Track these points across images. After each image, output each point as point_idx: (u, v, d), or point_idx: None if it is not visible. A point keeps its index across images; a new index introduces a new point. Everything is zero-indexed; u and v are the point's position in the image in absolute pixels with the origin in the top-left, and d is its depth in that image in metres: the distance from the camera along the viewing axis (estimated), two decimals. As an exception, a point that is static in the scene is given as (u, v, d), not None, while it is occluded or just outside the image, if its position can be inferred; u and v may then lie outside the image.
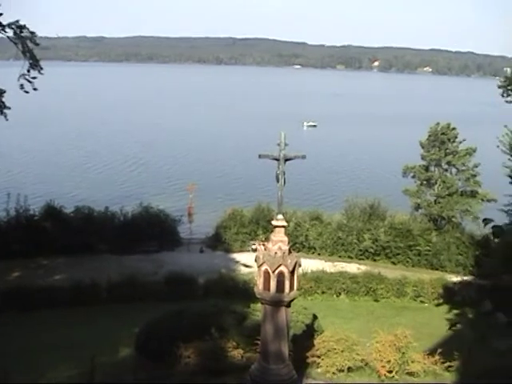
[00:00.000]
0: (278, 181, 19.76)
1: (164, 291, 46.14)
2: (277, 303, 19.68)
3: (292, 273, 19.56)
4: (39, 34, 45.54)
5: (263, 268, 19.51)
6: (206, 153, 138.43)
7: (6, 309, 41.09)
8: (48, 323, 40.13)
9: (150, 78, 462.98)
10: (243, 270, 54.35)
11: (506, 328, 37.78)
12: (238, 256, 60.63)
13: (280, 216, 19.84)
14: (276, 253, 19.43)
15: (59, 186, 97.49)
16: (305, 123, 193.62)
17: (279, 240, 19.65)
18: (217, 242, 64.62)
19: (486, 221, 13.94)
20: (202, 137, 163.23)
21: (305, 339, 31.61)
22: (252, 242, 63.04)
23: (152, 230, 62.15)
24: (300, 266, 20.21)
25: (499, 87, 43.87)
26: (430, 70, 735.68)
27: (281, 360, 20.16)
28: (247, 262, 53.98)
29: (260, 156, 19.99)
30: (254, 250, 59.47)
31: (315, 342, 31.47)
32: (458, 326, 43.91)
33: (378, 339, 31.32)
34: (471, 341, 30.65)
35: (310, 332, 33.00)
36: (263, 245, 53.18)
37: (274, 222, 19.98)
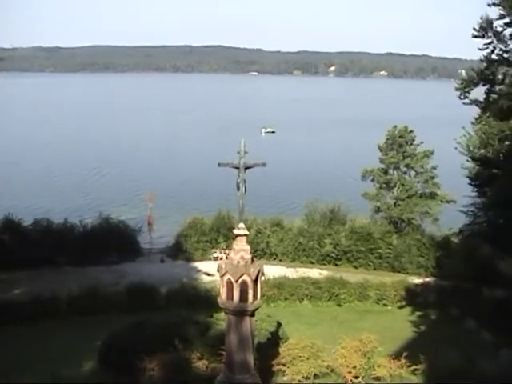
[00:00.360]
0: (238, 189, 19.48)
1: (125, 302, 45.84)
2: (241, 313, 19.40)
3: (255, 282, 19.28)
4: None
5: (226, 278, 19.22)
6: (165, 162, 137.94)
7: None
8: (8, 338, 39.52)
9: (106, 87, 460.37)
10: (205, 278, 54.08)
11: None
12: (199, 265, 60.31)
13: (241, 225, 19.56)
14: (238, 262, 19.14)
15: (17, 198, 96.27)
16: (263, 129, 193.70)
17: (241, 249, 19.36)
18: (177, 251, 64.25)
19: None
20: (160, 145, 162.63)
21: (270, 347, 31.41)
22: (213, 250, 62.82)
23: (112, 240, 61.62)
24: (263, 274, 19.95)
25: (456, 89, 43.94)
26: (386, 73, 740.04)
27: (246, 370, 19.86)
28: (209, 271, 53.75)
29: (219, 164, 19.71)
30: (216, 258, 59.39)
31: (280, 349, 31.31)
32: (422, 327, 44.07)
33: (343, 345, 31.21)
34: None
35: (274, 340, 32.82)
36: (224, 253, 53.18)
37: (235, 231, 19.69)
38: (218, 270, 19.64)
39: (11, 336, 40.01)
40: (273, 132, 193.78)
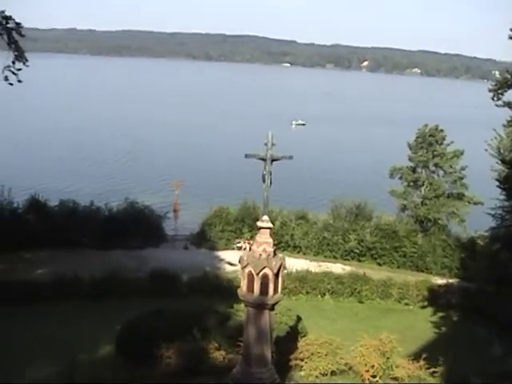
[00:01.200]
0: (264, 181, 19.29)
1: (147, 288, 45.78)
2: (260, 306, 19.25)
3: (276, 275, 19.12)
4: (29, 25, 44.99)
5: (247, 270, 19.06)
6: (193, 150, 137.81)
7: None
8: (29, 318, 39.78)
9: (139, 72, 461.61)
10: (227, 268, 53.83)
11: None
12: (222, 254, 60.03)
13: (265, 217, 19.37)
14: (260, 255, 18.97)
15: (44, 179, 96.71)
16: (293, 122, 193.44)
17: (264, 242, 19.18)
18: (202, 239, 64.06)
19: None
20: (189, 134, 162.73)
21: (288, 341, 31.26)
22: (237, 241, 62.60)
23: (137, 225, 61.46)
24: (285, 268, 19.81)
25: (490, 91, 43.41)
26: (419, 71, 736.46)
27: (263, 364, 19.73)
28: (232, 261, 53.44)
29: (246, 155, 19.51)
30: (239, 249, 59.20)
31: (299, 344, 31.11)
32: (443, 329, 43.75)
33: (363, 343, 30.93)
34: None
35: (293, 334, 32.66)
36: (248, 243, 53.06)
37: (259, 224, 19.49)
38: (239, 262, 19.48)
39: (32, 316, 40.19)
40: (303, 124, 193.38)
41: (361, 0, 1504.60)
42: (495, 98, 43.17)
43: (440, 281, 53.38)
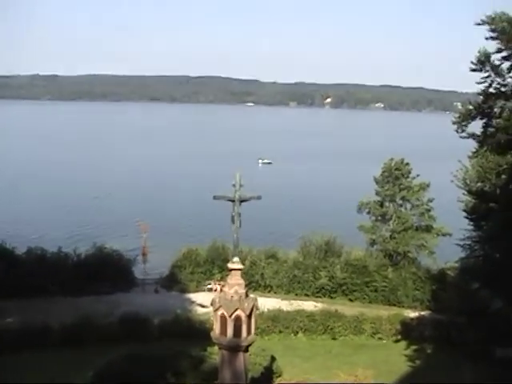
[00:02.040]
0: (233, 222, 19.22)
1: (119, 333, 45.34)
2: (234, 348, 19.09)
3: (249, 316, 19.00)
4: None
5: (220, 312, 18.92)
6: (159, 192, 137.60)
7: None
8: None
9: (103, 116, 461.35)
10: (199, 310, 53.59)
11: None
12: (193, 296, 59.80)
13: (236, 259, 19.28)
14: (232, 296, 18.85)
15: (11, 226, 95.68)
16: (260, 161, 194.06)
17: (235, 283, 19.08)
18: (172, 281, 63.76)
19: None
20: (155, 176, 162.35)
21: (263, 382, 30.98)
22: (208, 282, 62.34)
23: (106, 270, 61.12)
24: (257, 309, 19.68)
25: (454, 123, 43.68)
26: (382, 105, 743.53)
27: (239, 406, 19.49)
28: (203, 302, 53.25)
29: (215, 197, 19.47)
30: (210, 290, 59.04)
31: (273, 384, 30.88)
32: (417, 361, 43.70)
33: (339, 380, 30.79)
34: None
35: (268, 375, 32.42)
36: (219, 284, 52.86)
37: (229, 265, 19.39)
38: (211, 304, 19.34)
39: (1, 365, 39.55)
40: (270, 163, 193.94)
41: (322, 37, 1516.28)
42: (459, 130, 43.43)
43: (412, 314, 53.43)
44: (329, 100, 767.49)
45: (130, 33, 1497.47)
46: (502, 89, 40.05)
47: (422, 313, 53.98)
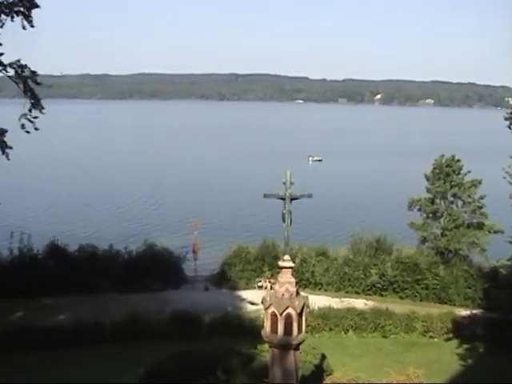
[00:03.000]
0: (284, 220, 19.13)
1: (169, 330, 45.45)
2: (285, 346, 18.99)
3: (300, 315, 18.89)
4: (43, 72, 45.32)
5: (270, 310, 18.84)
6: (210, 190, 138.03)
7: (8, 349, 40.47)
8: (51, 364, 39.56)
9: (153, 114, 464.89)
10: (249, 307, 53.44)
11: None
12: (243, 293, 59.72)
13: (287, 257, 19.18)
14: (283, 294, 18.77)
15: (63, 224, 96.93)
16: (310, 158, 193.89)
17: (286, 281, 18.98)
18: (222, 279, 63.78)
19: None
20: (206, 173, 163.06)
21: (314, 380, 30.88)
22: (258, 279, 62.25)
23: (157, 268, 61.24)
24: (308, 307, 19.56)
25: (506, 119, 43.13)
26: (432, 101, 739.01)
27: (290, 405, 19.42)
28: (253, 300, 53.28)
29: (265, 195, 19.37)
30: (260, 287, 59.00)
31: (324, 383, 30.72)
32: (469, 361, 43.20)
33: (389, 379, 30.54)
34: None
35: (318, 373, 32.27)
36: (269, 282, 52.84)
37: (280, 263, 19.31)
38: (262, 303, 19.28)
39: (54, 362, 40.01)
40: (320, 160, 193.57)
41: (370, 34, 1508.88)
42: (511, 126, 42.83)
43: (464, 312, 52.64)
44: (378, 97, 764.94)
45: (178, 31, 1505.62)
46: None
47: (474, 311, 53.18)
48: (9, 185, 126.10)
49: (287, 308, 18.57)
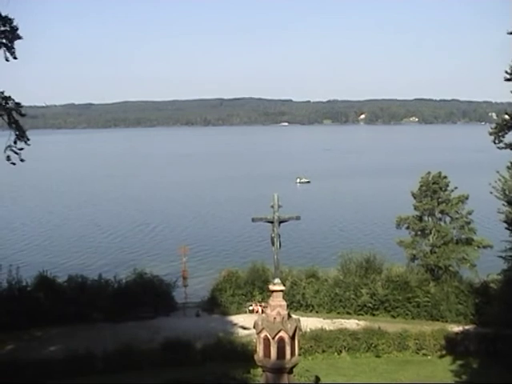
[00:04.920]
0: (273, 244, 19.07)
1: (161, 358, 45.26)
2: (278, 370, 18.90)
3: (292, 338, 18.81)
4: (27, 103, 45.25)
5: (263, 334, 18.77)
6: (198, 215, 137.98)
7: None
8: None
9: (139, 141, 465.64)
10: (241, 332, 53.29)
11: None
12: (235, 318, 59.50)
13: (277, 280, 19.11)
14: (275, 318, 18.69)
15: (51, 255, 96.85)
16: (298, 180, 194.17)
17: (277, 304, 18.92)
18: (213, 305, 63.55)
19: None
20: (194, 199, 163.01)
21: (308, 403, 30.75)
22: (249, 304, 62.10)
23: (147, 295, 61.09)
24: (300, 330, 19.47)
25: (490, 134, 43.22)
26: (416, 119, 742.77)
27: (285, 430, 19.29)
28: (245, 324, 53.16)
29: (253, 219, 19.32)
30: (252, 312, 58.87)
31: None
32: (463, 377, 43.14)
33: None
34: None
35: (313, 395, 32.14)
36: (260, 306, 52.69)
37: (271, 287, 19.24)
38: (254, 327, 19.20)
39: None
40: (308, 182, 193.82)
41: (353, 54, 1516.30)
42: (496, 141, 42.94)
43: (456, 328, 52.75)
44: (363, 116, 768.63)
45: (161, 59, 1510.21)
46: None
47: (467, 327, 53.29)
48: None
49: (279, 332, 18.49)
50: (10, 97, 42.68)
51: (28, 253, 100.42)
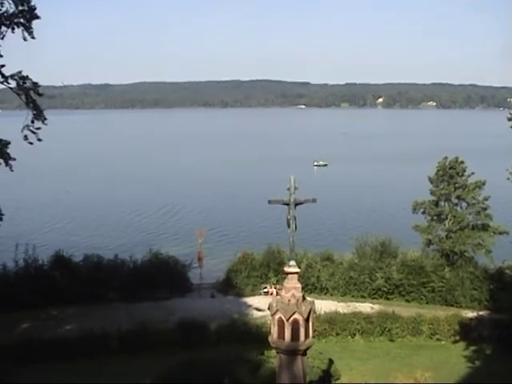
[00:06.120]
0: (288, 226, 19.03)
1: (176, 339, 45.43)
2: (292, 352, 18.85)
3: (307, 320, 18.78)
4: (44, 83, 45.22)
5: (277, 316, 18.74)
6: (214, 197, 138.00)
7: (15, 362, 40.32)
8: (59, 376, 39.38)
9: (156, 123, 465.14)
10: (256, 314, 53.39)
11: None
12: (249, 300, 59.72)
13: (292, 262, 19.07)
14: (289, 300, 18.67)
15: (68, 234, 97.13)
16: (315, 163, 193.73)
17: (292, 287, 18.87)
18: (228, 286, 63.78)
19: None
20: (210, 181, 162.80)
21: (321, 385, 30.82)
22: (264, 286, 62.23)
23: (162, 276, 61.28)
24: (315, 312, 19.48)
25: (509, 119, 42.95)
26: (434, 104, 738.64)
27: (298, 411, 19.35)
28: (259, 306, 53.36)
29: (270, 201, 19.27)
30: (266, 294, 59.01)
31: (332, 388, 30.68)
32: (477, 362, 43.10)
33: (397, 382, 30.48)
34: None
35: (326, 378, 32.20)
36: (275, 288, 52.79)
37: (286, 269, 19.19)
38: (268, 309, 19.21)
39: (62, 374, 39.91)
40: (325, 165, 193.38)
41: (371, 37, 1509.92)
42: (515, 127, 42.57)
43: (470, 314, 52.58)
44: (380, 100, 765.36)
45: (180, 39, 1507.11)
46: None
47: (481, 313, 53.12)
48: (13, 196, 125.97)
49: (294, 314, 18.47)
50: (27, 76, 42.70)
51: (46, 232, 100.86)
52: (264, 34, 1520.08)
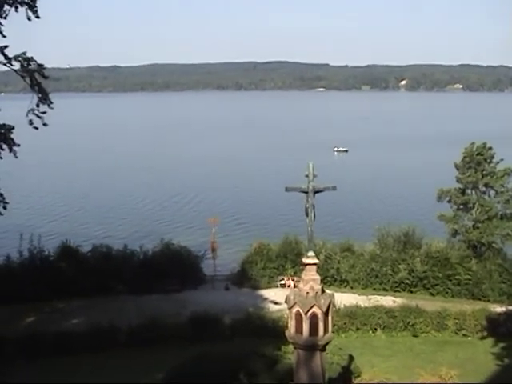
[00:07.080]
0: (307, 215, 18.98)
1: (188, 333, 45.44)
2: (311, 347, 18.86)
3: (326, 314, 18.77)
4: (50, 64, 45.14)
5: (295, 310, 18.74)
6: (229, 184, 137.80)
7: (19, 356, 40.47)
8: (65, 371, 39.59)
9: (168, 107, 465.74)
10: (272, 307, 53.46)
11: None
12: (265, 293, 59.70)
13: (311, 253, 19.03)
14: (308, 293, 18.65)
15: (75, 223, 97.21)
16: (335, 148, 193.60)
17: (311, 279, 18.85)
18: (243, 278, 63.66)
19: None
20: (225, 167, 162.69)
21: (341, 382, 30.82)
22: (280, 278, 62.16)
23: (174, 267, 61.20)
24: (334, 306, 19.47)
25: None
26: (461, 86, 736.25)
27: (317, 409, 19.36)
28: (276, 299, 53.32)
29: (287, 189, 19.22)
30: (283, 286, 58.96)
31: (352, 386, 30.70)
32: (506, 360, 42.91)
33: (421, 381, 30.44)
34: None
35: (346, 375, 32.19)
36: (292, 280, 52.77)
37: (304, 260, 19.16)
38: (285, 302, 19.19)
39: (68, 369, 40.08)
40: (345, 151, 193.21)
41: (394, 16, 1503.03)
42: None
43: (499, 308, 52.37)
44: (404, 82, 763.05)
45: (191, 18, 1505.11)
46: None
47: (510, 307, 52.95)
48: (17, 183, 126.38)
49: (312, 307, 18.46)
50: (32, 58, 42.45)
51: (52, 221, 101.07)
52: (280, 12, 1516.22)
